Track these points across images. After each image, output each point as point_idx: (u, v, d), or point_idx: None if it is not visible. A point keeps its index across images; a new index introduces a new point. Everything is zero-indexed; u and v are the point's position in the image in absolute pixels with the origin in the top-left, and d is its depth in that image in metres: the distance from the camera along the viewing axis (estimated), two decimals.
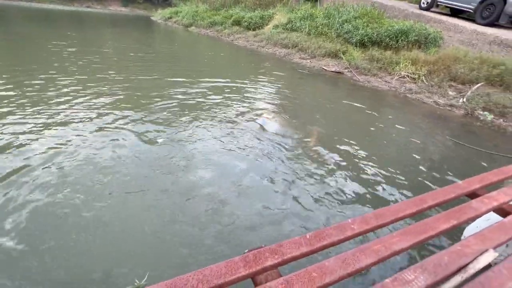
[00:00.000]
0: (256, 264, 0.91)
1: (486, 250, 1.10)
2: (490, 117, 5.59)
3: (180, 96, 5.23)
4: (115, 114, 4.07)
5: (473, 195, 1.60)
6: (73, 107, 4.17)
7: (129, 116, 4.05)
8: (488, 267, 1.04)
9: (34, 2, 44.78)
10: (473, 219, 1.36)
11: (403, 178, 3.12)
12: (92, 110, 4.12)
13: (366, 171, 3.20)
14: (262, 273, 0.92)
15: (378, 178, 3.07)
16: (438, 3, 10.84)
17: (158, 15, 31.73)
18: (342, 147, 3.73)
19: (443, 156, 3.84)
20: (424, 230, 1.17)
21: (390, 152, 3.76)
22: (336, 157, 3.44)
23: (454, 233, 2.14)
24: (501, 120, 5.51)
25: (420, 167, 3.44)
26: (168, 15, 28.29)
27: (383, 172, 3.20)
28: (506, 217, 1.39)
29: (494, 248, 1.14)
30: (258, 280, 0.90)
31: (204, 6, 23.91)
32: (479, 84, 6.68)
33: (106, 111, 4.15)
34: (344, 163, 3.32)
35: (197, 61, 9.68)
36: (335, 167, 3.21)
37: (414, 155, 3.75)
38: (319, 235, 1.07)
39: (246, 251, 0.99)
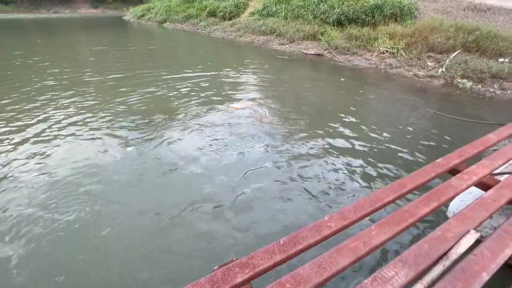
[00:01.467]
0: (224, 283, 0.85)
1: (468, 232, 1.06)
2: (469, 84, 5.63)
3: (160, 93, 5.05)
4: (93, 117, 3.89)
5: (453, 171, 1.56)
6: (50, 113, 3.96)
7: (103, 117, 3.89)
8: (471, 249, 1.01)
9: (1, 13, 42.22)
10: (453, 198, 1.33)
11: (388, 155, 3.11)
12: (70, 116, 3.92)
13: (352, 152, 3.17)
14: None
15: (364, 157, 3.05)
16: None
17: (130, 14, 30.47)
18: (327, 130, 3.69)
19: (426, 129, 3.85)
20: (403, 218, 1.12)
21: (375, 130, 3.73)
22: (322, 140, 3.40)
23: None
24: (480, 86, 5.56)
25: (405, 142, 3.44)
26: (140, 13, 27.20)
27: (369, 151, 3.18)
28: (487, 191, 1.37)
29: (476, 227, 1.10)
30: None
31: None
32: (456, 52, 6.71)
33: (84, 115, 3.96)
34: (330, 145, 3.28)
35: (174, 57, 9.36)
36: (321, 150, 3.17)
37: (398, 131, 3.75)
38: (294, 239, 1.01)
39: (215, 268, 0.92)
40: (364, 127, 3.85)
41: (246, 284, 0.88)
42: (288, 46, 10.24)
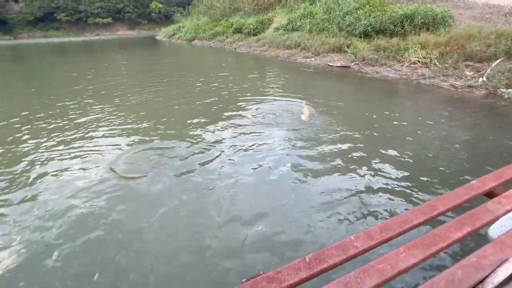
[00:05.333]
0: None
1: (507, 260, 0.94)
2: None
3: (186, 109, 5.27)
4: (134, 128, 4.14)
5: (490, 194, 1.42)
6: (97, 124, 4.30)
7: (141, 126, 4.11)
8: (509, 279, 0.90)
9: (53, 37, 48.33)
10: (490, 223, 1.19)
11: (423, 175, 2.88)
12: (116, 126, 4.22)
13: (387, 172, 2.99)
14: None
15: (397, 176, 2.86)
16: None
17: (162, 34, 32.80)
18: (359, 148, 3.53)
19: (469, 146, 3.54)
20: (434, 242, 1.03)
21: (411, 147, 3.51)
22: (353, 158, 3.25)
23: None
24: None
25: (446, 161, 3.17)
26: (171, 32, 29.17)
27: (404, 170, 2.98)
28: None
29: None
30: None
31: (205, 18, 24.42)
32: (498, 60, 6.22)
33: (127, 125, 4.24)
34: (364, 165, 3.13)
35: (202, 72, 9.77)
36: (350, 168, 3.03)
37: (437, 148, 3.48)
38: (319, 257, 0.97)
39: (243, 280, 0.90)
40: (398, 146, 3.63)
41: None
42: (313, 59, 10.24)
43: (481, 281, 0.89)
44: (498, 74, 5.77)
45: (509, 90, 5.31)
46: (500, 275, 0.91)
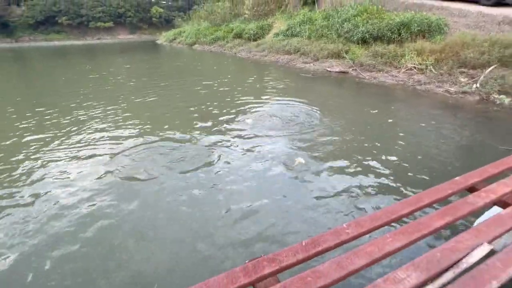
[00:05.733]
0: (255, 273, 0.98)
1: (481, 244, 1.10)
2: (507, 100, 5.35)
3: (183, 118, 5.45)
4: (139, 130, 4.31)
5: (472, 189, 1.57)
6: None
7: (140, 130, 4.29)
8: (483, 260, 1.04)
9: (54, 40, 48.71)
10: (469, 214, 1.35)
11: (417, 176, 3.05)
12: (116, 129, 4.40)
13: (382, 170, 3.16)
14: (262, 281, 0.99)
15: (394, 174, 3.03)
16: None
17: (162, 38, 32.97)
18: (357, 149, 3.70)
19: (462, 150, 3.71)
20: (417, 229, 1.18)
21: (405, 148, 3.68)
22: (350, 157, 3.42)
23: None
24: None
25: (440, 164, 3.35)
26: (172, 36, 29.39)
27: (397, 168, 3.15)
28: (505, 209, 1.37)
29: (490, 241, 1.13)
30: (258, 287, 0.97)
31: (205, 23, 24.70)
32: (492, 67, 6.43)
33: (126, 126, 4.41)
34: (361, 164, 3.30)
35: (202, 75, 9.96)
36: (346, 166, 3.20)
37: (429, 148, 3.64)
38: (315, 241, 1.12)
39: (246, 261, 1.06)
40: (392, 144, 3.81)
41: (273, 276, 1.01)
42: (312, 64, 10.46)
43: (458, 261, 1.03)
44: (491, 80, 5.97)
45: (501, 96, 5.51)
46: (475, 256, 1.05)
